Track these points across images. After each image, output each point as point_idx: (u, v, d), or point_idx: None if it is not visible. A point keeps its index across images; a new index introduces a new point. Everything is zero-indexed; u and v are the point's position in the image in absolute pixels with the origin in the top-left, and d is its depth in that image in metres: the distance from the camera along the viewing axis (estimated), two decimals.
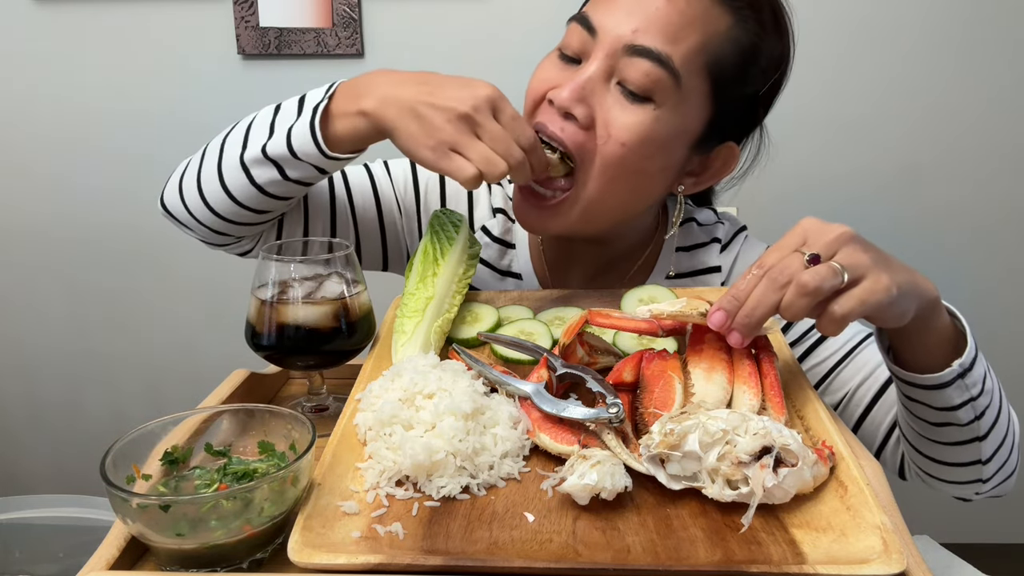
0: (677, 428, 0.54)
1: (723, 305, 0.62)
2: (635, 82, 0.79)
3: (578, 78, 0.79)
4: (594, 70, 0.79)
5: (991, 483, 0.80)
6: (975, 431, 0.74)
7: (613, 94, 0.80)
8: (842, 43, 1.64)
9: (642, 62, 0.78)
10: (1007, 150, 1.70)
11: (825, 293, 0.59)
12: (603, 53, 0.79)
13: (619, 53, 0.79)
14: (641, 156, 0.81)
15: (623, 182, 0.83)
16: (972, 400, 0.71)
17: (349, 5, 1.63)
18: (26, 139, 1.78)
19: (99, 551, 0.53)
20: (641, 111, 0.79)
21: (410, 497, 0.56)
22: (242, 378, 0.82)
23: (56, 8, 1.67)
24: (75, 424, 1.99)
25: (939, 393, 0.70)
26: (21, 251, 1.86)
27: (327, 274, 0.78)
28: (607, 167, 0.81)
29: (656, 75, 0.78)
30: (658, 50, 0.77)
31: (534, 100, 0.85)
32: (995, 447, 0.76)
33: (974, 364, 0.70)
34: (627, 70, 0.79)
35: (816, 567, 0.47)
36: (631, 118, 0.79)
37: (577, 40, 0.82)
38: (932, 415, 0.73)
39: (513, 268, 1.00)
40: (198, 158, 0.90)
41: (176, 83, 1.72)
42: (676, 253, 0.97)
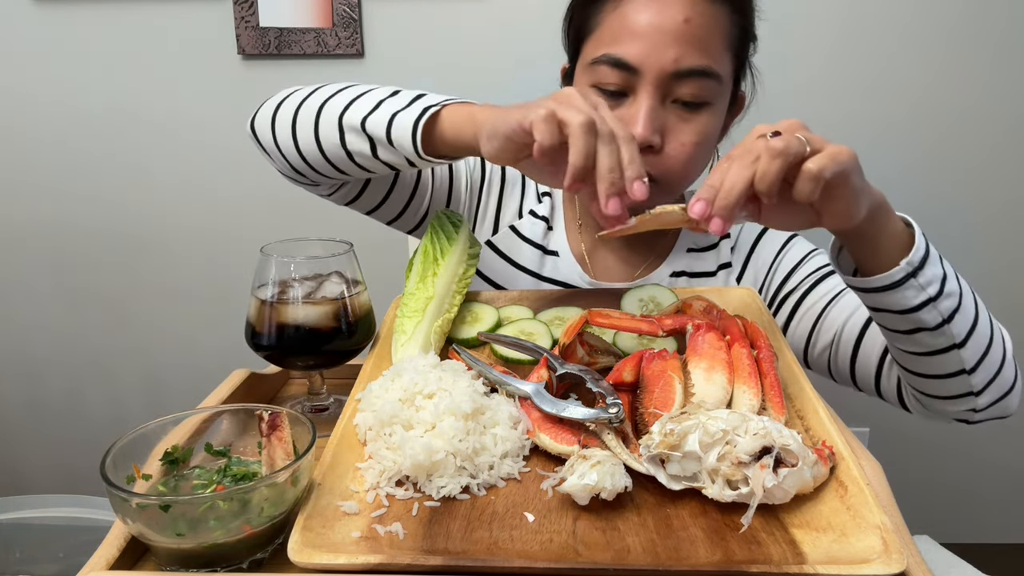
0: (677, 428, 0.54)
1: (701, 195, 0.63)
2: (690, 96, 0.88)
3: (644, 112, 0.86)
4: (653, 101, 0.87)
5: (985, 398, 0.81)
6: (949, 337, 0.75)
7: (672, 111, 0.89)
8: (836, 40, 1.64)
9: (693, 81, 0.87)
10: (1006, 146, 1.70)
11: (794, 155, 0.61)
12: (652, 86, 0.86)
13: (667, 79, 0.86)
14: (709, 143, 0.92)
15: (700, 168, 0.94)
16: (932, 301, 0.72)
17: (349, 5, 1.63)
18: (26, 139, 1.77)
19: (99, 551, 0.53)
20: (702, 116, 0.89)
21: (410, 497, 0.56)
22: (242, 378, 0.82)
23: (56, 8, 1.67)
24: (75, 424, 1.99)
25: (894, 294, 0.72)
26: (21, 251, 1.86)
27: (327, 274, 0.78)
28: (686, 168, 0.91)
29: (706, 85, 0.87)
30: (701, 67, 0.86)
31: None
32: (978, 356, 0.78)
33: (925, 263, 0.71)
34: (680, 90, 0.87)
35: (816, 567, 0.47)
36: (696, 125, 0.89)
37: (615, 77, 0.88)
38: (899, 322, 0.75)
39: (550, 247, 1.07)
40: (303, 94, 0.90)
41: (176, 83, 1.72)
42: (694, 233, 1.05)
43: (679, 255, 1.05)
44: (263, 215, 1.81)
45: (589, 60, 0.90)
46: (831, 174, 0.62)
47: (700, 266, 1.04)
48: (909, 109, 1.67)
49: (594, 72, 0.89)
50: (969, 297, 0.77)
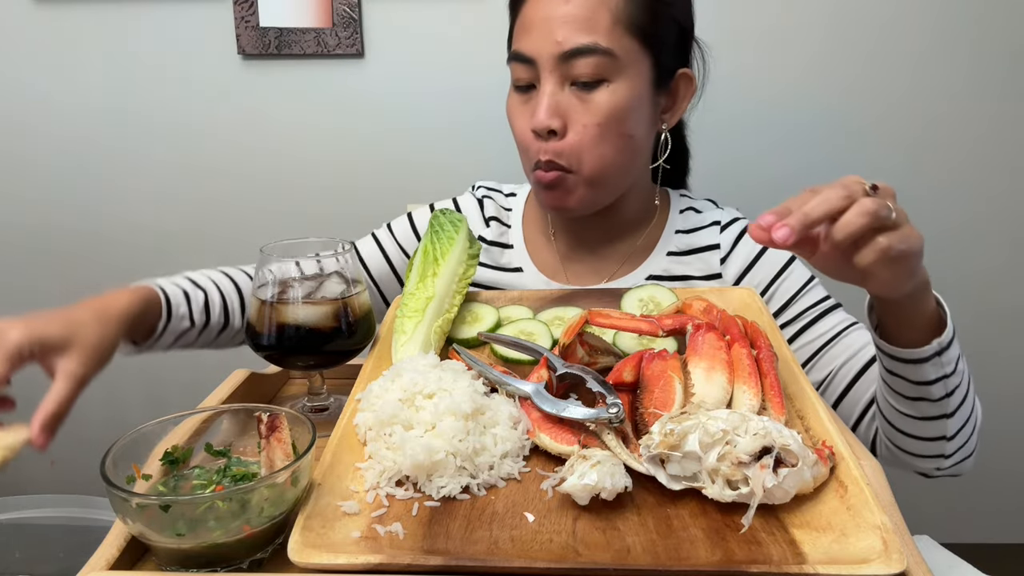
0: (677, 428, 0.54)
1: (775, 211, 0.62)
2: (583, 76, 0.90)
3: (543, 101, 0.91)
4: (550, 87, 0.91)
5: (951, 460, 0.86)
6: (944, 408, 0.80)
7: (572, 94, 0.92)
8: (837, 43, 1.64)
9: (579, 60, 0.89)
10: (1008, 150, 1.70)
11: (880, 221, 0.61)
12: (547, 71, 0.91)
13: (558, 63, 0.90)
14: (617, 124, 0.92)
15: (612, 150, 0.94)
16: (945, 378, 0.77)
17: (349, 5, 1.63)
18: (25, 139, 1.77)
19: (99, 551, 0.53)
20: (599, 93, 0.91)
21: (410, 497, 0.56)
22: (242, 378, 0.82)
23: (56, 8, 1.67)
24: (75, 424, 1.98)
25: (917, 367, 0.76)
26: (21, 251, 1.86)
27: (327, 274, 0.78)
28: (593, 149, 0.92)
29: (595, 62, 0.89)
30: (585, 44, 0.89)
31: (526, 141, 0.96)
32: (959, 426, 0.83)
33: (951, 345, 0.76)
34: (572, 71, 0.90)
35: (816, 567, 0.47)
36: (595, 105, 0.91)
37: (522, 72, 0.94)
38: (909, 389, 0.79)
39: (513, 264, 1.10)
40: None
41: (176, 83, 1.72)
42: (676, 235, 1.06)
43: (658, 258, 1.05)
44: (263, 215, 1.81)
45: (506, 61, 0.97)
46: (897, 253, 0.62)
47: (680, 270, 1.04)
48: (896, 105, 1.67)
49: (511, 71, 0.96)
50: (967, 376, 0.82)
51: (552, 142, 0.92)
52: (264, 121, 1.75)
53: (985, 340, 1.83)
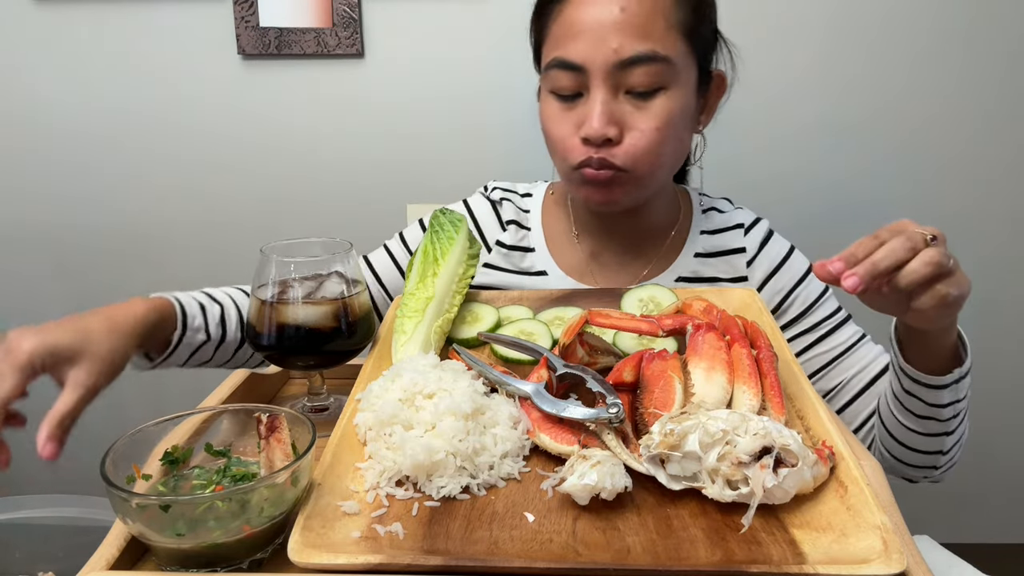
0: (677, 428, 0.54)
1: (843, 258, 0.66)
2: (641, 85, 0.88)
3: (596, 108, 0.88)
4: (603, 95, 0.88)
5: (940, 470, 0.92)
6: (947, 427, 0.86)
7: (626, 102, 0.89)
8: (840, 43, 1.64)
9: (638, 69, 0.87)
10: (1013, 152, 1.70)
11: (941, 270, 0.66)
12: (600, 80, 0.88)
13: (613, 71, 0.87)
14: (672, 130, 0.91)
15: (667, 154, 0.93)
16: (956, 402, 0.83)
17: (349, 5, 1.63)
18: (26, 139, 1.77)
19: (99, 551, 0.53)
20: (657, 101, 0.89)
21: (410, 497, 0.56)
22: (242, 378, 0.82)
23: (56, 8, 1.67)
24: (75, 424, 1.99)
25: (935, 392, 0.81)
26: (21, 251, 1.86)
27: (327, 274, 0.78)
28: (650, 154, 0.91)
29: (654, 70, 0.87)
30: (644, 52, 0.86)
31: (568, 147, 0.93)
32: (955, 442, 0.89)
33: (967, 374, 0.81)
34: (629, 80, 0.88)
35: (816, 567, 0.47)
36: (652, 111, 0.89)
37: (566, 80, 0.90)
38: (922, 409, 0.84)
39: (536, 268, 1.08)
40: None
41: (176, 83, 1.72)
42: (701, 236, 1.06)
43: (686, 259, 1.05)
44: (263, 215, 1.81)
45: (544, 67, 0.94)
46: (952, 300, 0.68)
47: (708, 272, 1.04)
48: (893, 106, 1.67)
49: (549, 79, 0.93)
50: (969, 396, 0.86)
51: (607, 148, 0.90)
52: (264, 121, 1.75)
53: (986, 341, 1.83)
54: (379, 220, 1.77)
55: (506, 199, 1.13)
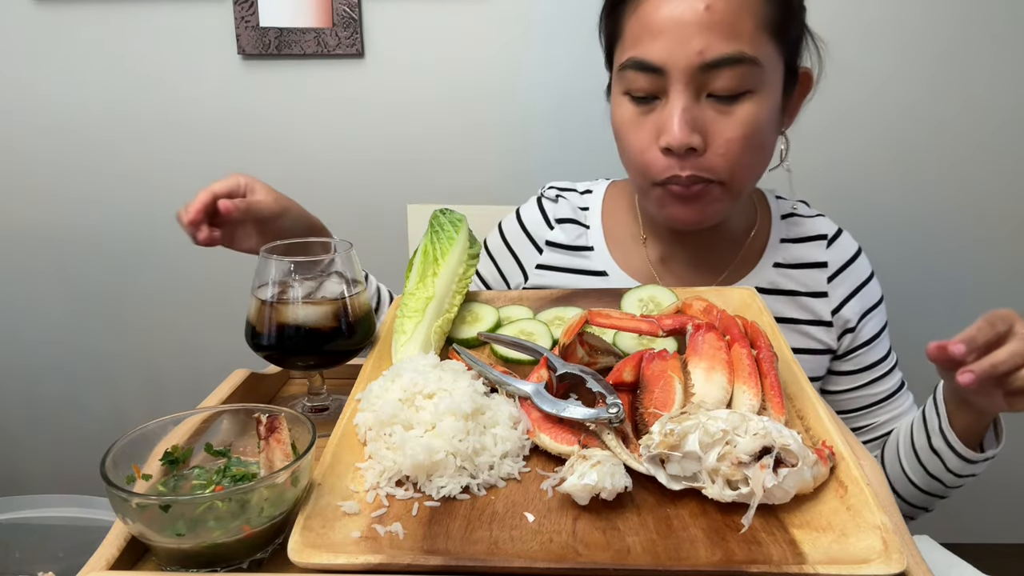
0: (677, 428, 0.54)
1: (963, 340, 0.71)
2: (726, 89, 0.82)
3: (676, 114, 0.82)
4: (684, 100, 0.82)
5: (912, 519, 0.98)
6: (946, 493, 0.90)
7: (709, 107, 0.83)
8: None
9: (724, 71, 0.81)
10: None
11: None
12: (681, 83, 0.82)
13: (696, 74, 0.81)
14: (761, 135, 0.86)
15: (757, 161, 0.89)
16: (972, 476, 0.87)
17: (349, 5, 1.63)
18: (26, 139, 1.78)
19: (99, 551, 0.53)
20: (743, 107, 0.83)
21: (410, 497, 0.56)
22: (242, 378, 0.82)
23: (56, 8, 1.67)
24: (75, 424, 1.99)
25: (962, 464, 0.85)
26: (21, 251, 1.86)
27: (327, 274, 0.78)
28: (738, 164, 0.85)
29: (741, 72, 0.81)
30: (731, 54, 0.80)
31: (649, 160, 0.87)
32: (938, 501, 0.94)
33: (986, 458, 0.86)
34: (713, 83, 0.82)
35: (816, 567, 0.47)
36: (738, 118, 0.83)
37: (643, 82, 0.84)
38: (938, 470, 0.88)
39: (595, 268, 1.04)
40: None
41: (176, 83, 1.72)
42: (781, 244, 1.01)
43: (765, 269, 0.99)
44: None
45: (617, 67, 0.88)
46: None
47: (787, 284, 0.99)
48: None
49: (624, 79, 0.87)
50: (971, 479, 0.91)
51: (691, 159, 0.84)
52: (264, 121, 1.75)
53: None
54: (379, 220, 1.77)
55: (562, 196, 1.07)
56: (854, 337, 1.00)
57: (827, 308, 0.99)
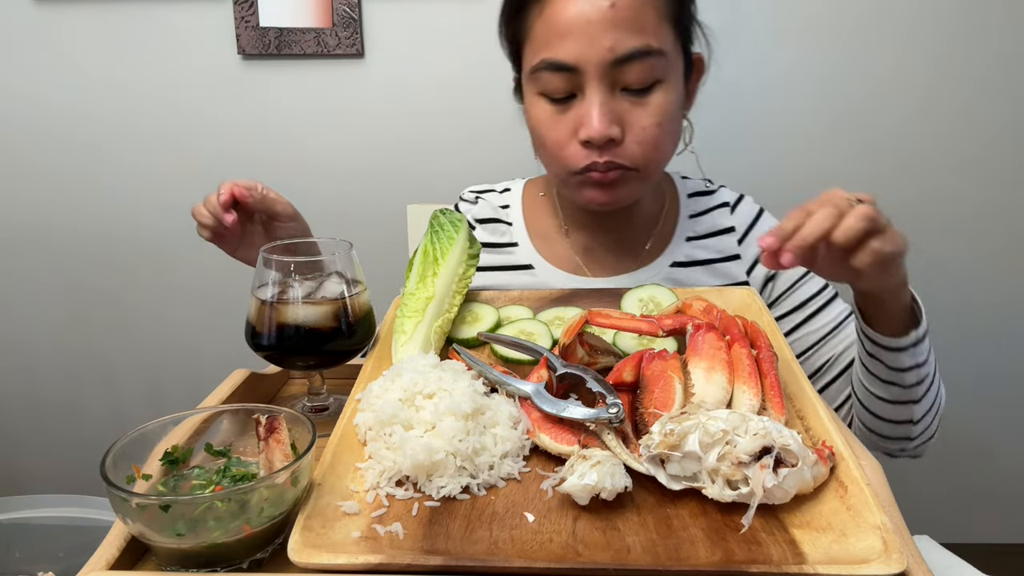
0: (677, 428, 0.54)
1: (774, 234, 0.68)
2: (638, 82, 0.86)
3: (596, 108, 0.86)
4: (601, 96, 0.86)
5: (915, 442, 0.92)
6: (913, 395, 0.86)
7: (624, 99, 0.88)
8: (836, 37, 1.64)
9: (634, 65, 0.85)
10: None
11: (874, 224, 0.67)
12: (596, 79, 0.86)
13: (608, 69, 0.85)
14: (672, 121, 0.91)
15: (669, 146, 0.94)
16: (918, 367, 0.83)
17: (349, 5, 1.63)
18: (26, 139, 1.78)
19: (99, 551, 0.53)
20: (654, 97, 0.88)
21: (410, 497, 0.56)
22: (242, 378, 0.82)
23: (56, 8, 1.67)
24: (75, 424, 1.99)
25: (895, 355, 0.82)
26: (21, 251, 1.86)
27: (327, 274, 0.78)
28: (654, 150, 0.90)
29: (650, 64, 0.86)
30: (639, 47, 0.84)
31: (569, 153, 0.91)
32: (924, 412, 0.89)
33: (924, 338, 0.82)
34: (625, 77, 0.86)
35: (816, 567, 0.47)
36: (651, 107, 0.88)
37: (558, 81, 0.88)
38: (885, 373, 0.84)
39: (520, 262, 1.08)
40: None
41: (176, 83, 1.72)
42: (690, 220, 1.07)
43: (679, 245, 1.05)
44: None
45: (529, 69, 0.91)
46: (887, 254, 0.69)
47: (701, 254, 1.04)
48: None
49: (537, 81, 0.90)
50: (934, 366, 0.87)
51: (609, 149, 0.88)
52: (264, 121, 1.75)
53: (986, 341, 1.83)
54: (379, 220, 1.77)
55: (481, 199, 1.13)
56: (775, 284, 1.04)
57: (742, 269, 1.05)
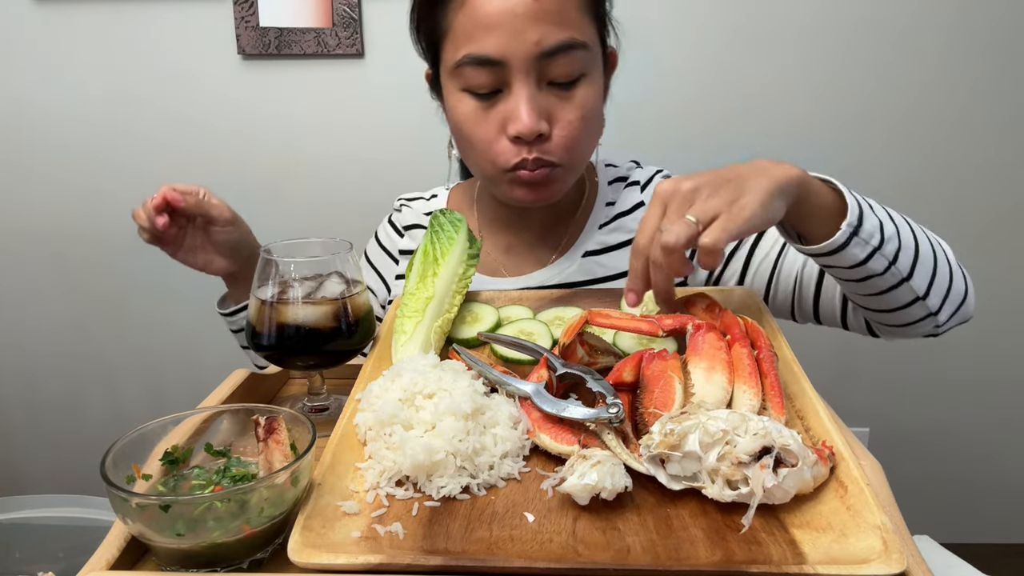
0: (677, 428, 0.54)
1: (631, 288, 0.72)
2: (564, 75, 0.86)
3: (524, 103, 0.85)
4: (528, 90, 0.85)
5: (943, 314, 0.84)
6: (897, 274, 0.78)
7: (551, 93, 0.87)
8: (833, 43, 1.64)
9: (560, 58, 0.84)
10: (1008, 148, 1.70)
11: (686, 242, 0.66)
12: (523, 73, 0.84)
13: (535, 63, 0.84)
14: (595, 114, 0.91)
15: (593, 139, 0.94)
16: (877, 250, 0.76)
17: (349, 5, 1.63)
18: (26, 139, 1.78)
19: (99, 551, 0.53)
20: (580, 91, 0.87)
21: (410, 497, 0.56)
22: (242, 378, 0.82)
23: (56, 8, 1.67)
24: (75, 424, 1.99)
25: (842, 254, 0.75)
26: (21, 252, 1.86)
27: (327, 274, 0.78)
28: (579, 144, 0.90)
29: (575, 58, 0.85)
30: (565, 40, 0.84)
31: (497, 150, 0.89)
32: (927, 281, 0.81)
33: (862, 220, 0.74)
34: (552, 71, 0.85)
35: (816, 567, 0.47)
36: (577, 101, 0.87)
37: (483, 76, 0.86)
38: (849, 274, 0.79)
39: None
40: None
41: (176, 83, 1.72)
42: (606, 207, 1.06)
43: (590, 233, 1.04)
44: (263, 215, 1.81)
45: (451, 65, 0.88)
46: (726, 242, 0.65)
47: (614, 239, 1.03)
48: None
49: (460, 76, 0.88)
50: (907, 230, 0.79)
51: (538, 144, 0.87)
52: (264, 121, 1.75)
53: (985, 341, 1.83)
54: (379, 220, 1.77)
55: (406, 206, 1.14)
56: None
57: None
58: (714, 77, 1.68)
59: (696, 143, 1.71)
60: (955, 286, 0.84)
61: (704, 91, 1.69)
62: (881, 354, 1.87)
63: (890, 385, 1.91)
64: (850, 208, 0.73)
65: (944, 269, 0.83)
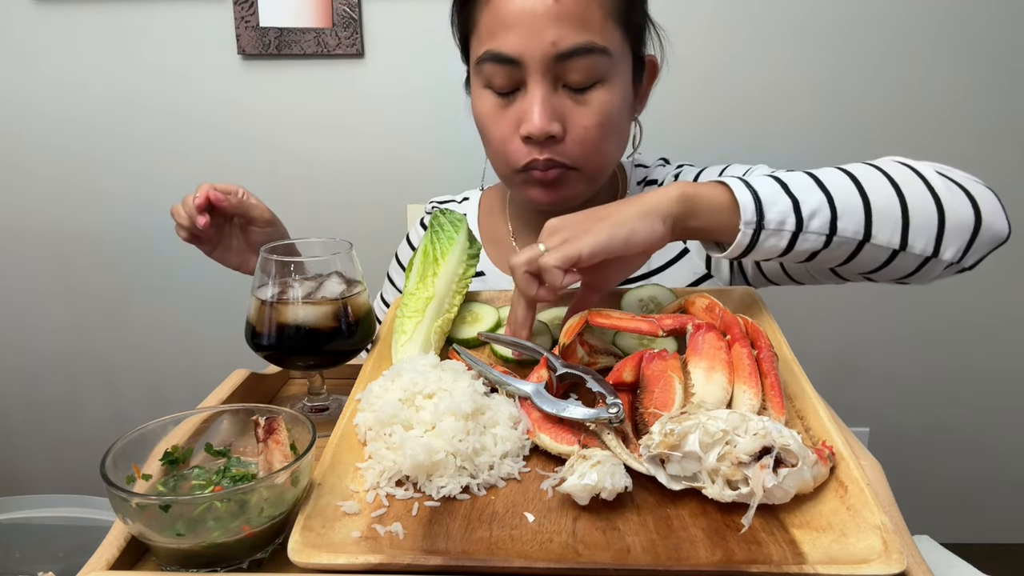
0: (677, 428, 0.54)
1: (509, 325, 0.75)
2: (580, 79, 0.85)
3: (537, 103, 0.85)
4: (543, 91, 0.85)
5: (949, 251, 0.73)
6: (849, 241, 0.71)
7: (566, 97, 0.87)
8: (831, 43, 1.64)
9: (577, 61, 0.84)
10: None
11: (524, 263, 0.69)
12: (538, 74, 0.85)
13: (551, 64, 0.84)
14: (614, 122, 0.89)
15: (612, 147, 0.92)
16: (799, 232, 0.70)
17: (349, 5, 1.63)
18: (26, 139, 1.78)
19: (99, 551, 0.53)
20: (596, 95, 0.87)
21: (410, 497, 0.56)
22: (242, 378, 0.82)
23: (56, 8, 1.68)
24: (75, 424, 1.99)
25: (760, 250, 0.71)
26: (21, 252, 1.86)
27: (327, 274, 0.78)
28: (595, 151, 0.89)
29: (594, 62, 0.84)
30: (583, 43, 0.83)
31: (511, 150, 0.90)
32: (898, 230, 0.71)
33: (762, 211, 0.69)
34: (568, 74, 0.85)
35: (816, 567, 0.47)
36: (593, 106, 0.87)
37: (501, 74, 0.87)
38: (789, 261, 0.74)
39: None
40: None
41: (176, 83, 1.72)
42: None
43: None
44: None
45: (475, 61, 0.90)
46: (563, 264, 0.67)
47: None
48: None
49: (482, 73, 0.89)
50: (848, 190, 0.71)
51: (550, 146, 0.88)
52: (264, 121, 1.75)
53: (985, 341, 1.83)
54: (379, 220, 1.77)
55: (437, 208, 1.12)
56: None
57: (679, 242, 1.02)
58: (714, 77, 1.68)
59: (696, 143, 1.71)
60: (952, 217, 0.72)
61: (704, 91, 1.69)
62: (882, 353, 1.87)
63: (890, 384, 1.91)
64: (742, 207, 0.69)
65: (924, 207, 0.72)
